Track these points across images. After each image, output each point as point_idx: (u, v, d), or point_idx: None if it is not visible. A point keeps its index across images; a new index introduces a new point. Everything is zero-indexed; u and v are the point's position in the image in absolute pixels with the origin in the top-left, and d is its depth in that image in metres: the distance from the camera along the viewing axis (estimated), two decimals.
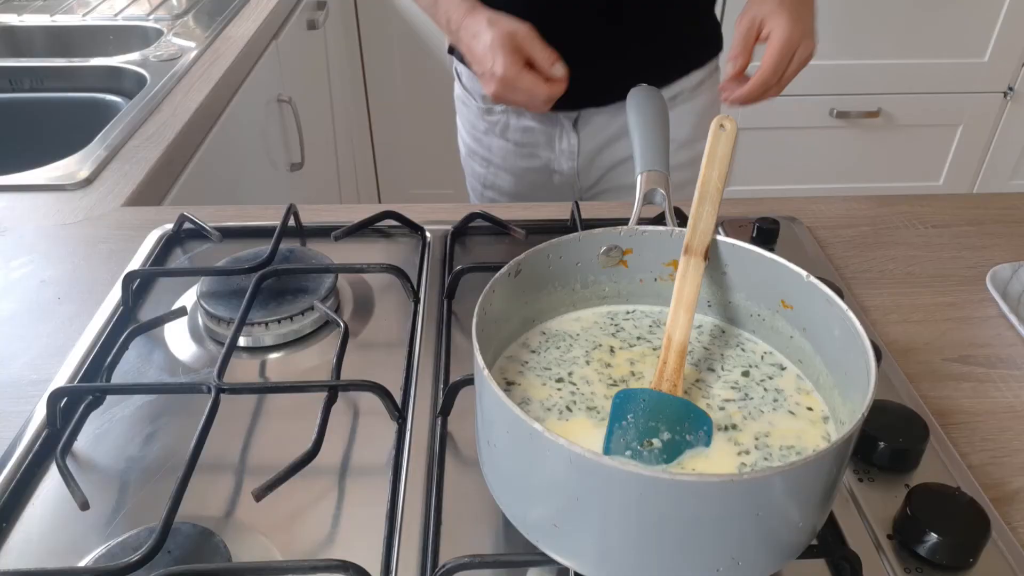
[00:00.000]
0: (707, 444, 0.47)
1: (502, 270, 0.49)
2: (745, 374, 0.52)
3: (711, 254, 0.54)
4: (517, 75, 0.77)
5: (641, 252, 0.55)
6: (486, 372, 0.41)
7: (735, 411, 0.49)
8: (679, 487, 0.37)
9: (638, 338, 0.55)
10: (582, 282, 0.56)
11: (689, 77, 1.04)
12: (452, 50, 1.05)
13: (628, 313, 0.57)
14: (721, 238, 0.54)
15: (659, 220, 0.58)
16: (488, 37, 0.78)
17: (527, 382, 0.51)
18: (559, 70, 0.77)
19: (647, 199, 0.59)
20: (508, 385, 0.51)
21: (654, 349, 0.54)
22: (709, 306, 0.57)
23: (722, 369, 0.53)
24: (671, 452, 0.46)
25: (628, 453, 0.45)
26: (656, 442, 0.46)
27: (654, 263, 0.56)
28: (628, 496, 0.38)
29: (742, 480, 0.37)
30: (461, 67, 1.08)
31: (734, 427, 0.48)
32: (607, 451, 0.46)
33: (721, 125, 0.55)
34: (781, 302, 0.52)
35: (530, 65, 0.78)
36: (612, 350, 0.54)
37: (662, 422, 0.47)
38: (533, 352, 0.53)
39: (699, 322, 0.57)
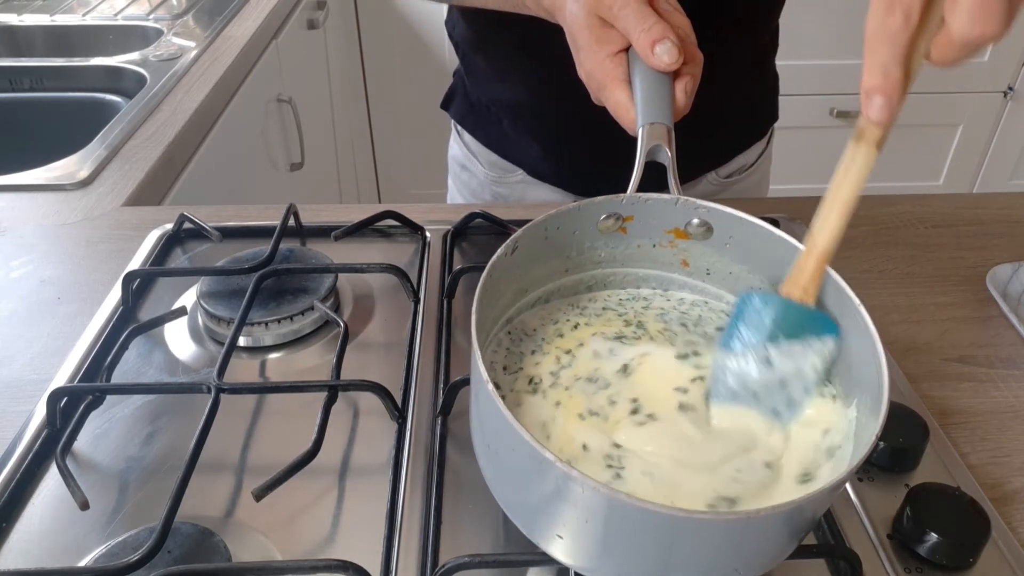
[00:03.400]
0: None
1: (499, 251, 0.48)
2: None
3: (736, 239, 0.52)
4: (599, 85, 0.55)
5: (642, 219, 0.53)
6: (490, 386, 0.40)
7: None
8: (692, 524, 0.37)
9: (603, 308, 0.55)
10: (578, 249, 0.54)
11: (748, 152, 0.95)
12: (447, 106, 0.99)
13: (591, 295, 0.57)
14: (728, 209, 0.52)
15: (661, 177, 0.54)
16: (569, 16, 0.57)
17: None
18: (664, 55, 0.52)
19: (650, 156, 0.52)
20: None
21: (620, 315, 0.54)
22: (708, 274, 0.56)
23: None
24: None
25: (740, 353, 0.47)
26: (773, 349, 0.47)
27: (655, 230, 0.54)
28: (640, 528, 0.38)
29: (759, 517, 0.37)
30: (461, 127, 0.98)
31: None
32: (723, 346, 0.48)
33: None
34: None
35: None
36: (577, 326, 0.53)
37: (782, 329, 0.46)
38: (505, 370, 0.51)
39: (697, 294, 0.57)
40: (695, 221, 0.53)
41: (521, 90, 0.86)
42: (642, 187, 0.52)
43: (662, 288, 0.57)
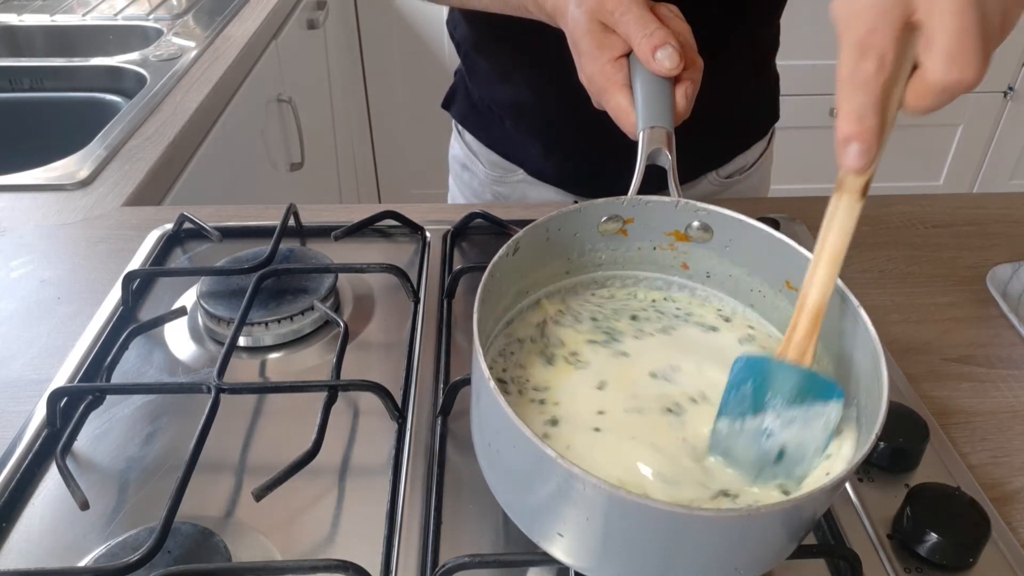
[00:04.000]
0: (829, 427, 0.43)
1: (500, 251, 0.48)
2: None
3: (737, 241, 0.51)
4: (600, 89, 0.56)
5: (643, 221, 0.53)
6: (492, 384, 0.40)
7: None
8: (692, 521, 0.37)
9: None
10: (579, 251, 0.54)
11: (749, 152, 0.94)
12: (448, 106, 0.99)
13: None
14: (728, 212, 0.52)
15: (662, 178, 0.54)
16: (571, 21, 0.57)
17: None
18: (665, 60, 0.52)
19: (650, 159, 0.53)
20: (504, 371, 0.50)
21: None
22: (708, 276, 0.56)
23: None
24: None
25: (738, 424, 0.43)
26: (771, 417, 0.43)
27: (655, 233, 0.54)
28: (641, 524, 0.38)
29: (759, 515, 0.37)
30: (462, 127, 0.98)
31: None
32: (719, 416, 0.45)
33: None
34: (786, 283, 0.52)
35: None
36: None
37: (779, 394, 0.43)
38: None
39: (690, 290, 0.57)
40: (695, 224, 0.53)
41: (523, 90, 0.86)
42: (643, 189, 0.52)
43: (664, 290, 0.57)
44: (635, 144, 0.53)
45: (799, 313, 0.45)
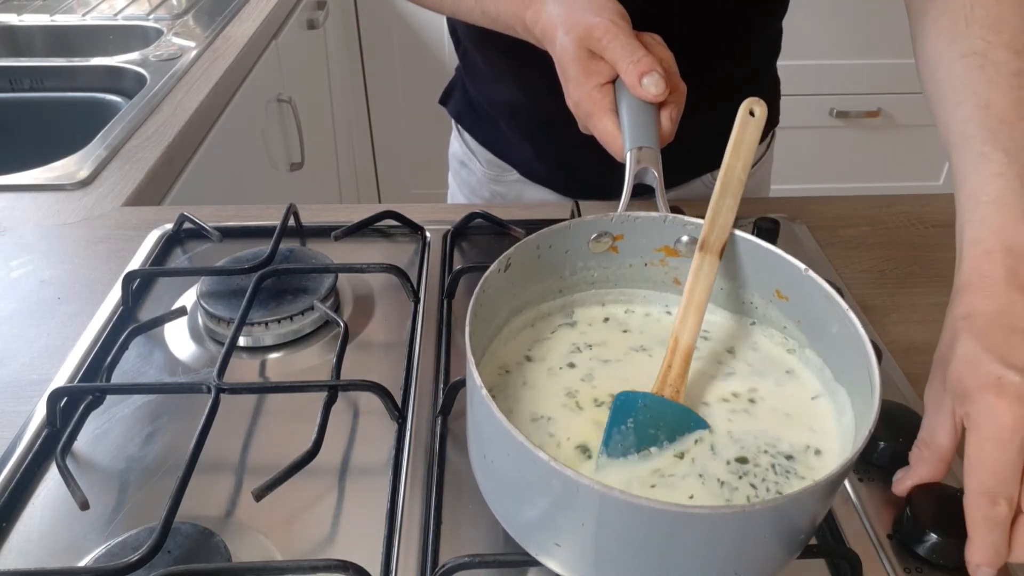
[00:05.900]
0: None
1: (492, 266, 0.48)
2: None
3: (727, 252, 0.51)
4: (587, 114, 0.58)
5: (632, 238, 0.54)
6: (484, 392, 0.40)
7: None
8: (691, 519, 0.37)
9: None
10: (571, 269, 0.55)
11: None
12: (446, 102, 0.99)
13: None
14: None
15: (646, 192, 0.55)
16: (559, 48, 0.59)
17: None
18: (651, 86, 0.54)
19: (637, 178, 0.54)
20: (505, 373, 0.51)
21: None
22: None
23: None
24: None
25: (625, 458, 0.45)
26: (655, 450, 0.45)
27: (646, 249, 0.54)
28: (638, 525, 0.38)
29: (754, 510, 0.37)
30: (461, 126, 0.99)
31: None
32: (601, 452, 0.46)
33: (751, 111, 0.52)
34: (776, 292, 0.52)
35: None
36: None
37: (662, 429, 0.46)
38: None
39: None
40: (684, 239, 0.53)
41: (516, 91, 0.86)
42: (637, 194, 0.53)
43: (662, 305, 0.57)
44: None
45: (672, 355, 0.49)
